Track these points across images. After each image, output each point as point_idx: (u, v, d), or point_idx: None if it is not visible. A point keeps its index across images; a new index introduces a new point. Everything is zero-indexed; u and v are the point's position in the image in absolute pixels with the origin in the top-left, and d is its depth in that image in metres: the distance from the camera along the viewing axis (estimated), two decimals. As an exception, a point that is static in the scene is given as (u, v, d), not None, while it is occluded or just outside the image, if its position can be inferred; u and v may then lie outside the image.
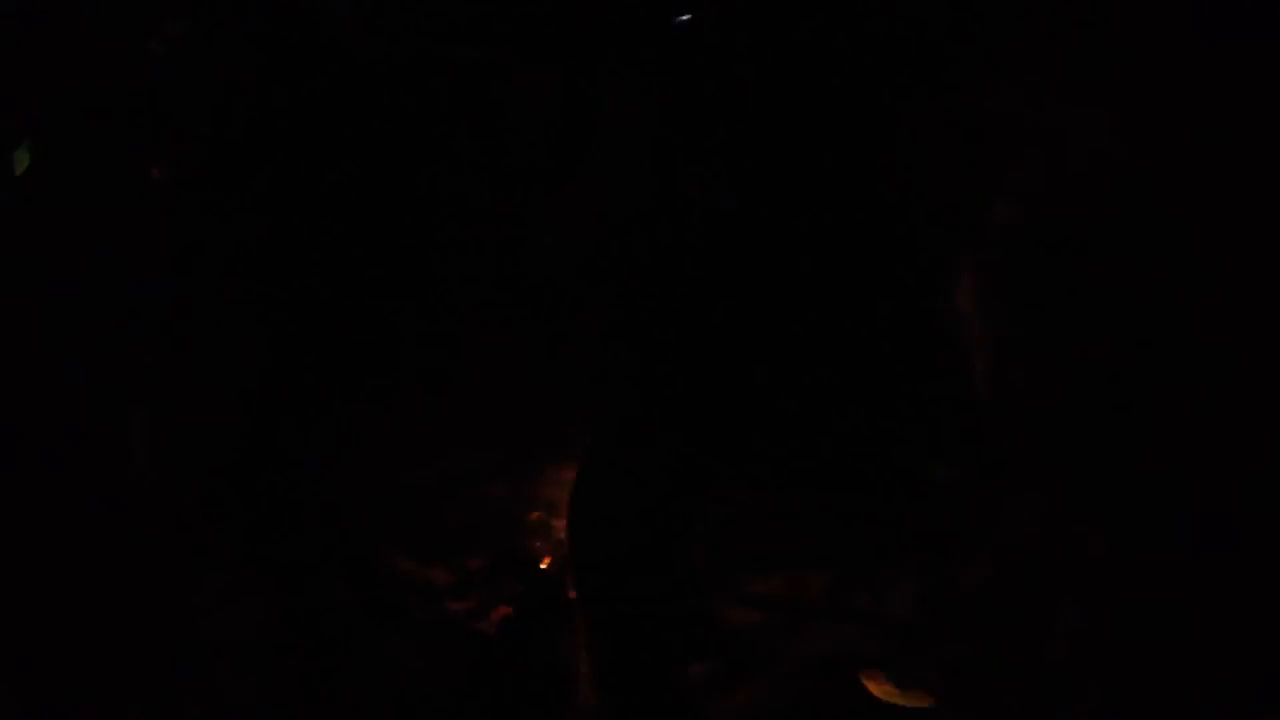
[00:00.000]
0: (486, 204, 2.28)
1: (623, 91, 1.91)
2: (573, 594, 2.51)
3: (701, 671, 2.40)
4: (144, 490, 2.12)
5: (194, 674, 2.14)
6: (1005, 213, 1.79)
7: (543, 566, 2.65)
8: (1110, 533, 1.97)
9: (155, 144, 2.05)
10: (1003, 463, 2.07)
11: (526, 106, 2.18)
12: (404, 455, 2.79)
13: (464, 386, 2.54)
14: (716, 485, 2.38)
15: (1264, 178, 1.69)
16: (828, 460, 2.27)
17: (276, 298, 2.19)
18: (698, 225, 1.93)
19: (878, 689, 2.41)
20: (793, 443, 2.19)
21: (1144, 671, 1.94)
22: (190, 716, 2.10)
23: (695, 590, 2.58)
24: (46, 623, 2.07)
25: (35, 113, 2.03)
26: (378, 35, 2.16)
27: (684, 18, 1.94)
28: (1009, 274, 1.83)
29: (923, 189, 1.89)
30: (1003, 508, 2.21)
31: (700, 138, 1.92)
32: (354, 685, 2.22)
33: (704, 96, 1.89)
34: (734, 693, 2.37)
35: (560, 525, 2.77)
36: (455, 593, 2.62)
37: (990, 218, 1.79)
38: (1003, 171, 1.77)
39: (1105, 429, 1.86)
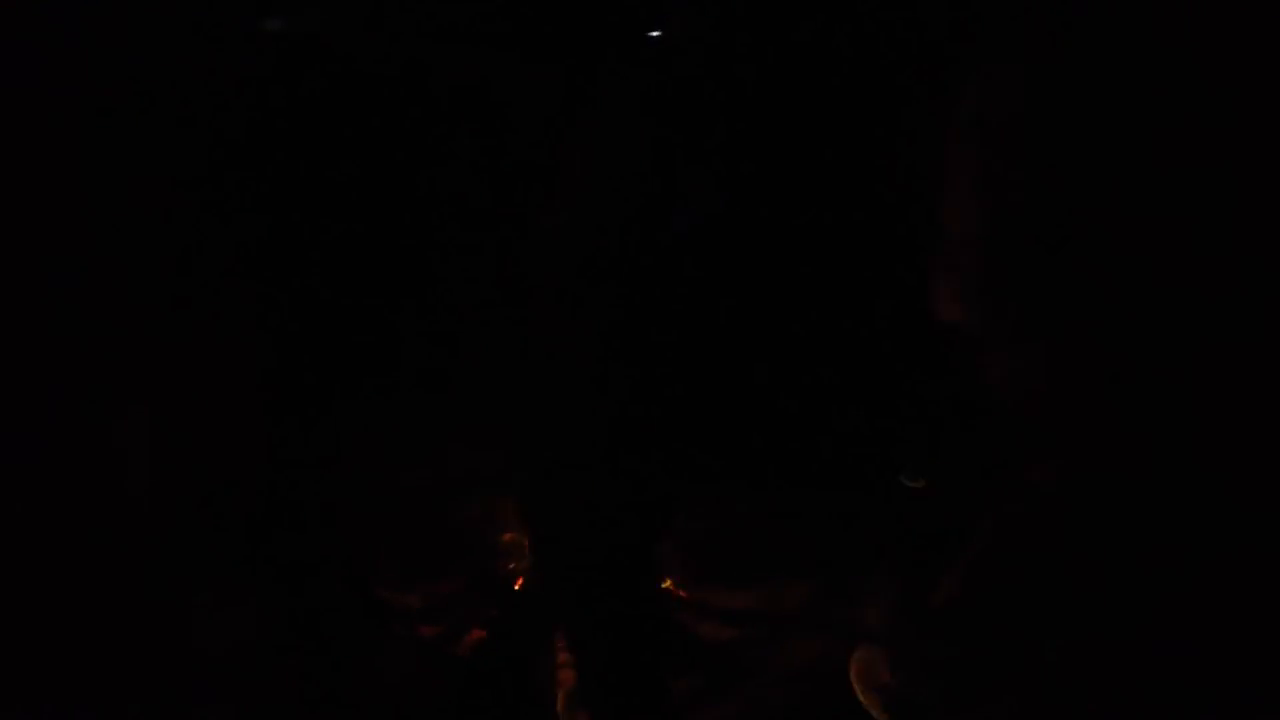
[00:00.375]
0: (484, 203, 2.29)
1: (620, 91, 1.93)
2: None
3: (683, 686, 2.39)
4: (141, 492, 2.07)
5: (189, 676, 2.09)
6: (997, 213, 1.84)
7: (516, 588, 2.63)
8: (1099, 534, 2.01)
9: (156, 144, 2.04)
10: (996, 465, 2.11)
11: (523, 106, 2.20)
12: (395, 459, 2.77)
13: (461, 387, 2.52)
14: (705, 486, 2.39)
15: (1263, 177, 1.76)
16: (818, 460, 2.30)
17: (276, 298, 2.17)
18: (694, 225, 1.96)
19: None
20: (785, 443, 2.21)
21: (1139, 674, 1.98)
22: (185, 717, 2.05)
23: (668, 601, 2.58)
24: (44, 624, 2.01)
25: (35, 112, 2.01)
26: (375, 35, 2.18)
27: (656, 34, 1.99)
28: (1003, 274, 1.87)
29: (920, 188, 1.94)
30: (987, 509, 2.26)
31: (696, 138, 1.95)
32: (343, 693, 2.18)
33: (700, 97, 1.92)
34: (716, 705, 2.36)
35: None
36: (428, 616, 2.59)
37: (985, 219, 1.83)
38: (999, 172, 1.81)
39: (1096, 429, 1.90)
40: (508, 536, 2.77)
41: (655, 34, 1.91)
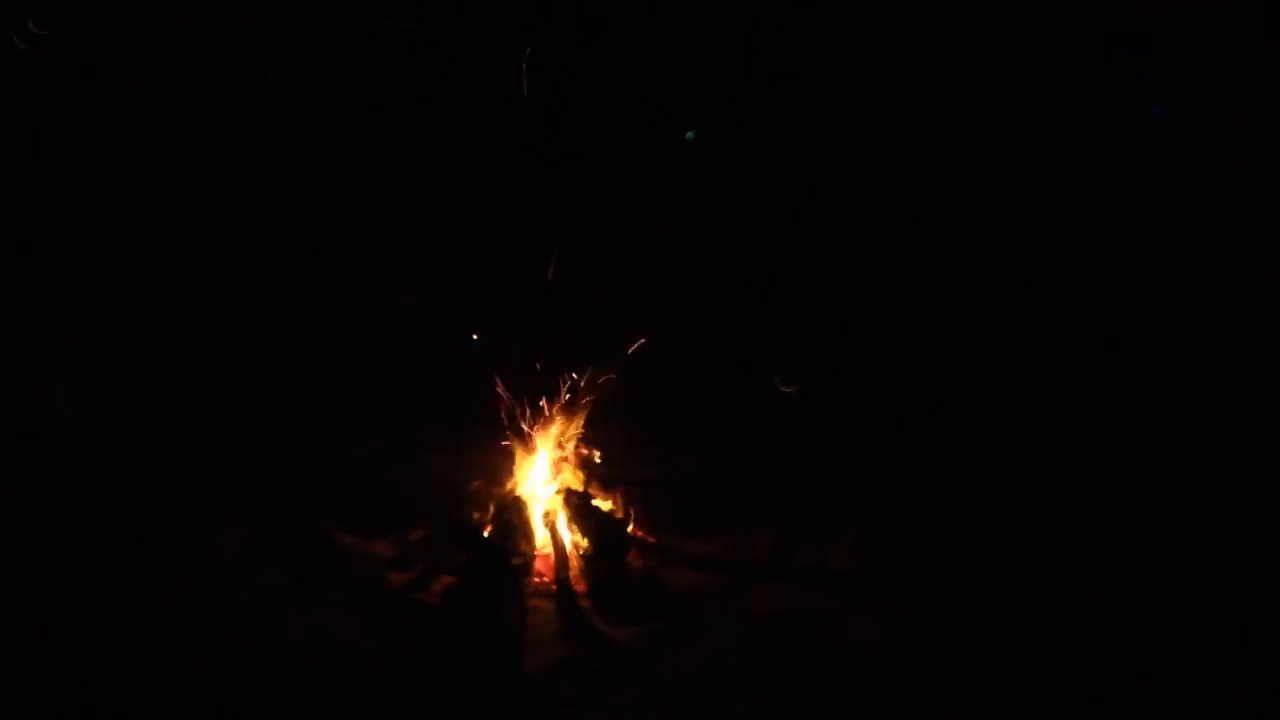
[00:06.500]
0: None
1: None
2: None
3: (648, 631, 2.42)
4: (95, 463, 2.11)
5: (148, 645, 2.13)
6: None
7: (485, 535, 2.65)
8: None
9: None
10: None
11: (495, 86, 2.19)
12: (347, 429, 2.81)
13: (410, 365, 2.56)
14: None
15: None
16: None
17: (231, 279, 2.18)
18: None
19: None
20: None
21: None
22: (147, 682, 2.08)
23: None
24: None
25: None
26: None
27: None
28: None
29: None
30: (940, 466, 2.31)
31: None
32: (305, 654, 2.21)
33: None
34: (684, 650, 2.38)
35: (499, 493, 2.79)
36: (398, 564, 2.61)
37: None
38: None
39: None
40: (475, 485, 2.79)
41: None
